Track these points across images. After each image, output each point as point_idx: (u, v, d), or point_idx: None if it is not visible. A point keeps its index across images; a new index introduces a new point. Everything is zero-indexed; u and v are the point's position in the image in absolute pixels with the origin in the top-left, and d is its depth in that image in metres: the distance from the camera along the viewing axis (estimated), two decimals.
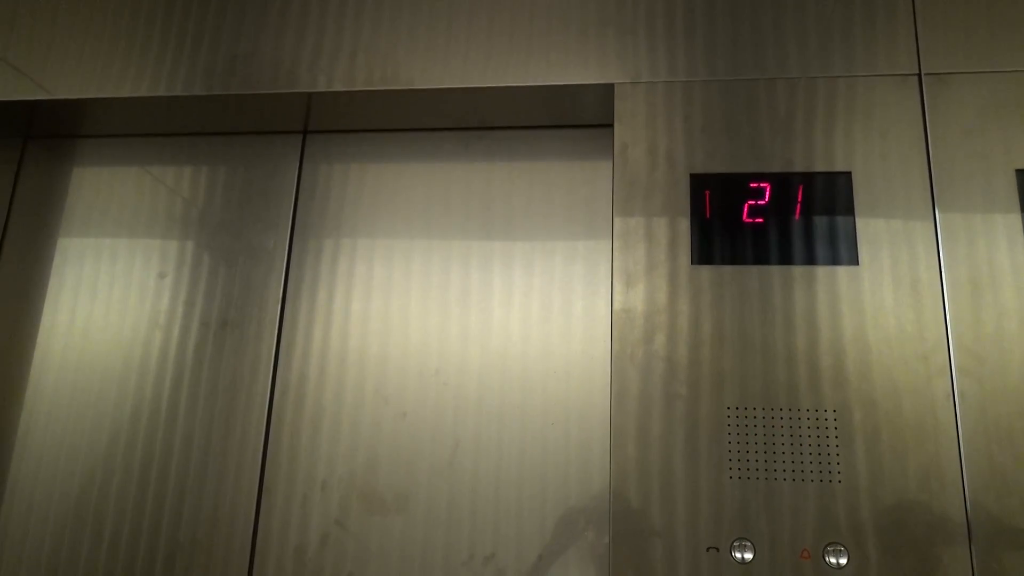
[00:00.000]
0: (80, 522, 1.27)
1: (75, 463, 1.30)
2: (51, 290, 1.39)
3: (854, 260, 1.03)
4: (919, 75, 1.09)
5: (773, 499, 0.96)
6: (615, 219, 1.10)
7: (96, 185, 1.44)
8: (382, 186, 1.36)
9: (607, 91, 1.18)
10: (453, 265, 1.30)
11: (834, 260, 1.04)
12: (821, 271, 1.04)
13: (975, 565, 0.90)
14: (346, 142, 1.39)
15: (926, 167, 1.05)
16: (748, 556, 0.95)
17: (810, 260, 1.04)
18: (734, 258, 1.06)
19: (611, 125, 1.15)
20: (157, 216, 1.40)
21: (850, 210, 1.05)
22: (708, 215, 1.08)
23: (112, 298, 1.37)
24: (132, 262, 1.38)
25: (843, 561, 0.93)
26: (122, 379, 1.32)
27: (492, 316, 1.26)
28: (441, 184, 1.34)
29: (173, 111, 1.35)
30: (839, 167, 1.07)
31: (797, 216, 1.06)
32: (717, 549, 0.96)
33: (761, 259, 1.05)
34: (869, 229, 1.04)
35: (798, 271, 1.04)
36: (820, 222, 1.06)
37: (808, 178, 1.08)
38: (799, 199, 1.07)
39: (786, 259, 1.05)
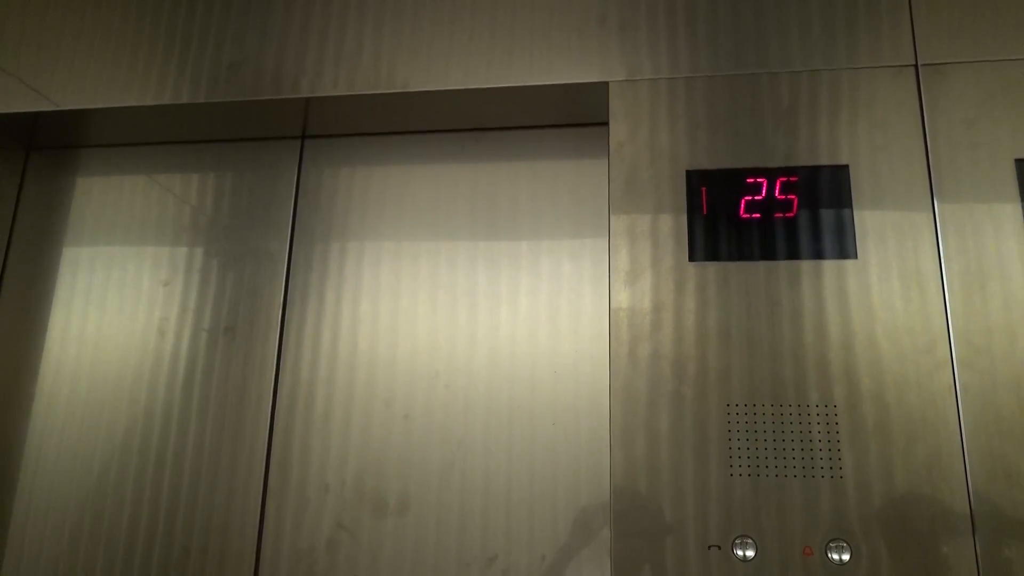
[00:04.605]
0: (86, 529, 1.28)
1: (81, 469, 1.31)
2: (57, 299, 1.41)
3: (852, 254, 1.02)
4: (915, 66, 1.08)
5: (775, 496, 0.96)
6: (611, 217, 1.10)
7: (99, 194, 1.45)
8: (379, 189, 1.36)
9: (603, 89, 1.17)
10: (457, 266, 1.30)
11: (832, 254, 1.03)
12: (819, 265, 1.03)
13: (979, 558, 0.89)
14: (344, 146, 1.39)
15: (924, 158, 1.04)
16: (750, 553, 0.94)
17: (808, 255, 1.04)
18: (730, 255, 1.05)
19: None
20: (160, 224, 1.41)
21: (848, 203, 1.04)
22: (705, 211, 1.08)
23: (117, 306, 1.38)
24: (136, 270, 1.39)
25: (846, 557, 0.92)
26: (127, 387, 1.33)
27: (499, 316, 1.26)
28: (444, 186, 1.34)
29: (175, 119, 1.36)
30: (837, 160, 1.07)
31: (794, 211, 1.06)
32: (719, 547, 0.95)
33: (758, 255, 1.05)
34: (868, 222, 1.03)
35: (795, 266, 1.03)
36: (818, 216, 1.05)
37: (805, 172, 1.07)
38: (796, 194, 1.06)
39: (782, 254, 1.04)
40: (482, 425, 1.22)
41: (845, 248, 1.03)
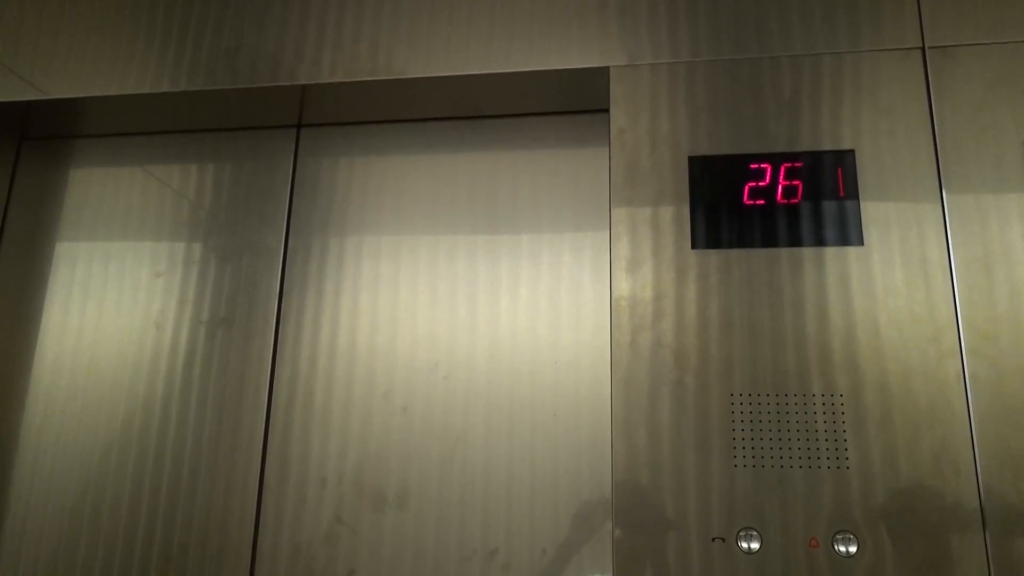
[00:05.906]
0: (83, 524, 1.27)
1: (77, 464, 1.30)
2: (50, 292, 1.39)
3: (859, 241, 1.00)
4: (923, 48, 1.06)
5: (779, 487, 0.94)
6: (612, 205, 1.08)
7: (93, 185, 1.43)
8: (378, 179, 1.34)
9: (604, 75, 1.15)
10: (456, 256, 1.28)
11: (837, 241, 1.01)
12: (824, 253, 1.01)
13: (990, 551, 0.88)
14: (341, 135, 1.37)
15: (932, 143, 1.02)
16: (755, 546, 0.92)
17: (812, 242, 1.02)
18: (733, 242, 1.03)
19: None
20: (155, 215, 1.39)
21: (854, 189, 1.02)
22: (708, 198, 1.06)
23: (111, 298, 1.36)
24: (131, 262, 1.37)
25: (853, 549, 0.90)
26: (123, 380, 1.32)
27: (499, 308, 1.24)
28: (443, 175, 1.32)
29: (169, 108, 1.34)
30: (842, 145, 1.05)
31: (799, 197, 1.04)
32: (723, 539, 0.93)
33: (761, 242, 1.03)
34: (874, 208, 1.01)
35: (799, 254, 1.01)
36: (822, 203, 1.03)
37: (810, 158, 1.05)
38: (801, 179, 1.04)
39: (786, 242, 1.02)
40: (482, 417, 1.20)
41: (850, 235, 1.01)
